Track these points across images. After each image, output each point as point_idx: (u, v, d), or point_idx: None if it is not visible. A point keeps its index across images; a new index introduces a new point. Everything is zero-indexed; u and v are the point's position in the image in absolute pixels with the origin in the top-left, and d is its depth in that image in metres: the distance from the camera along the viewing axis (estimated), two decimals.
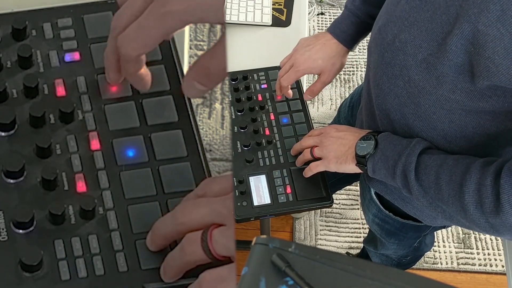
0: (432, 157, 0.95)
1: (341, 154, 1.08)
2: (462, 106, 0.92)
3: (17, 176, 0.73)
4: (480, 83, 0.85)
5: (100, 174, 0.75)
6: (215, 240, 0.68)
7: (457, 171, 0.91)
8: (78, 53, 0.79)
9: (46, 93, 0.77)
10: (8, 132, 0.75)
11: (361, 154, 1.03)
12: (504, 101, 0.88)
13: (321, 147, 1.11)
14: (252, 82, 1.31)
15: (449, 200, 0.92)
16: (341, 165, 1.08)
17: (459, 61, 0.85)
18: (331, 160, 1.09)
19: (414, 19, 0.92)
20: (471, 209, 0.89)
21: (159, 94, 0.78)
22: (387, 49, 0.99)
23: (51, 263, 0.70)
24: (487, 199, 0.86)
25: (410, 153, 0.96)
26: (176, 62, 0.80)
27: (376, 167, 1.02)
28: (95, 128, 0.76)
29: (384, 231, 1.34)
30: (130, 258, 0.72)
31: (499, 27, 0.78)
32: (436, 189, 0.93)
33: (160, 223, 0.72)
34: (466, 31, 0.82)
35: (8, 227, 0.71)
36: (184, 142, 0.77)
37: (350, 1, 1.22)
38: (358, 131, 1.09)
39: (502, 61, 0.80)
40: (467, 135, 0.96)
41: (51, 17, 0.81)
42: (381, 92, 1.03)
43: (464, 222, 0.94)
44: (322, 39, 1.22)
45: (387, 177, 1.01)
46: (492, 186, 0.86)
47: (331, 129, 1.12)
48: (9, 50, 0.78)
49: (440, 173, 0.92)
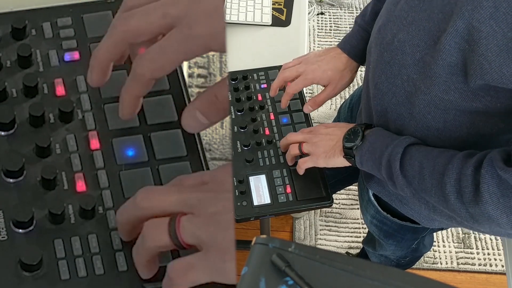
0: (418, 149, 0.95)
1: (329, 148, 1.08)
2: (456, 106, 0.92)
3: (17, 175, 0.73)
4: (473, 82, 0.85)
5: (99, 173, 0.75)
6: (183, 226, 0.67)
7: (440, 161, 0.91)
8: (78, 52, 0.80)
9: (46, 92, 0.77)
10: (7, 131, 0.75)
11: (349, 146, 1.03)
12: (496, 101, 0.88)
13: (310, 143, 1.11)
14: (252, 82, 1.31)
15: (431, 190, 0.92)
16: (330, 159, 1.08)
17: (453, 60, 0.85)
18: (319, 156, 1.09)
19: (412, 19, 0.92)
20: (452, 198, 0.89)
21: (158, 94, 0.78)
22: (386, 48, 0.99)
23: (50, 262, 0.70)
24: (467, 188, 0.87)
25: (397, 144, 0.96)
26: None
27: (363, 159, 1.02)
28: (94, 128, 0.76)
29: (382, 233, 1.34)
30: (130, 258, 0.71)
31: (492, 24, 0.79)
32: (419, 180, 0.93)
33: (121, 210, 0.71)
34: (461, 28, 0.82)
35: (8, 226, 0.71)
36: (184, 142, 0.77)
37: (360, 17, 1.22)
38: (346, 125, 1.09)
39: (495, 59, 0.80)
40: (461, 135, 0.96)
41: (50, 17, 0.81)
42: (379, 92, 1.03)
43: (447, 212, 0.95)
44: (333, 52, 1.23)
45: (373, 169, 1.01)
46: (472, 176, 0.86)
47: (320, 127, 1.13)
48: (8, 50, 0.78)
49: (424, 163, 0.93)
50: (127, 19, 0.71)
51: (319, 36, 2.54)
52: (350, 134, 1.04)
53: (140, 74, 0.71)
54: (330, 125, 1.13)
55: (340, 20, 2.60)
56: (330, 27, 2.58)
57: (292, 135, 1.16)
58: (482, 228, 0.93)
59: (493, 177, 0.85)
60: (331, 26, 2.58)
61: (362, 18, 1.22)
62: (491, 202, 0.85)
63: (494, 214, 0.86)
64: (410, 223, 1.21)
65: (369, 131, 1.03)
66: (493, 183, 0.84)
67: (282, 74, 1.23)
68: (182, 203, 0.68)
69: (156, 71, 0.70)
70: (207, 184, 0.70)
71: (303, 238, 2.04)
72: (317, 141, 1.10)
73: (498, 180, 0.84)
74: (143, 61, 0.70)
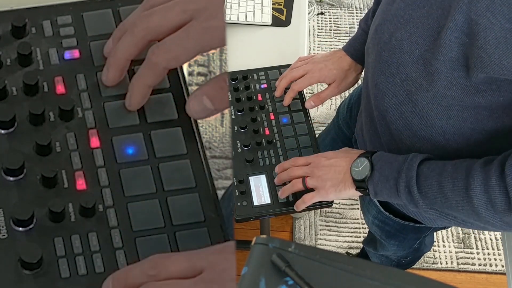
0: (430, 167, 0.95)
1: (338, 182, 1.05)
2: (458, 102, 0.92)
3: (17, 174, 0.72)
4: (475, 76, 0.85)
5: (100, 171, 0.75)
6: None
7: (459, 177, 0.91)
8: (78, 50, 0.79)
9: (46, 90, 0.77)
10: (7, 129, 0.74)
11: (359, 178, 1.02)
12: (499, 95, 0.88)
13: (314, 178, 1.08)
14: (252, 82, 1.31)
15: (458, 206, 0.91)
16: (341, 193, 1.06)
17: (454, 55, 0.86)
18: (329, 190, 1.06)
19: (410, 17, 0.92)
20: (483, 211, 0.88)
21: (158, 92, 0.78)
22: (384, 48, 0.99)
23: (51, 260, 0.70)
24: (497, 199, 0.86)
25: (408, 167, 0.96)
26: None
27: (377, 189, 1.01)
28: (94, 126, 0.76)
29: (384, 233, 1.34)
30: (130, 256, 0.71)
31: (489, 16, 0.79)
32: (442, 198, 0.93)
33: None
34: (460, 22, 0.82)
35: (8, 224, 0.71)
36: (184, 140, 0.77)
37: (364, 21, 1.25)
38: (347, 154, 1.08)
39: (494, 51, 0.80)
40: (465, 132, 0.96)
41: (50, 15, 0.81)
42: (379, 92, 1.03)
43: (479, 224, 0.94)
44: (339, 53, 1.26)
45: (390, 197, 1.00)
46: (498, 185, 0.86)
47: (319, 159, 1.10)
48: (8, 48, 0.78)
49: (442, 181, 0.92)
50: (147, 17, 0.73)
51: (319, 36, 2.55)
52: (358, 165, 1.02)
53: (155, 63, 0.72)
54: (330, 155, 1.10)
55: (340, 20, 2.60)
56: (330, 27, 2.58)
57: (293, 170, 1.13)
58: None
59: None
60: (331, 26, 2.58)
61: (365, 22, 1.24)
62: None
63: None
64: (412, 223, 1.21)
65: (373, 159, 1.01)
66: None
67: (290, 74, 1.25)
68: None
69: (172, 61, 0.72)
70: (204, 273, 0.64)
71: (303, 238, 2.04)
72: (322, 174, 1.07)
73: None
74: (159, 50, 0.72)
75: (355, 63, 1.24)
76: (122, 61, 0.75)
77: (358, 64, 1.24)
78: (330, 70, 1.23)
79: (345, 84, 1.24)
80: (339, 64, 1.24)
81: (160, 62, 0.72)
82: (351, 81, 1.25)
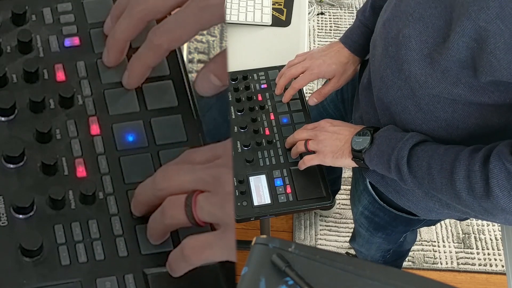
0: (424, 149, 0.96)
1: (337, 149, 1.08)
2: (464, 99, 0.93)
3: (17, 161, 0.72)
4: (483, 78, 0.86)
5: (100, 159, 0.74)
6: (200, 206, 0.68)
7: (447, 160, 0.92)
8: (78, 38, 0.79)
9: (46, 78, 0.77)
10: (8, 117, 0.74)
11: (357, 148, 1.04)
12: (506, 96, 0.89)
13: (316, 141, 1.11)
14: (252, 82, 1.31)
15: (442, 188, 0.93)
16: (337, 160, 1.09)
17: (462, 57, 0.86)
18: (327, 155, 1.09)
19: (420, 15, 0.92)
20: (464, 195, 0.90)
21: (159, 79, 0.78)
22: (391, 43, 0.99)
23: (51, 248, 0.70)
24: (477, 184, 0.88)
25: (402, 147, 0.97)
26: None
27: (372, 163, 1.03)
28: (95, 113, 0.76)
29: (372, 224, 1.33)
30: (130, 243, 0.71)
31: (499, 23, 0.79)
32: (429, 179, 0.94)
33: (141, 189, 0.72)
34: (468, 28, 0.83)
35: (8, 212, 0.71)
36: (184, 127, 0.77)
37: (361, 12, 1.24)
38: (353, 126, 1.10)
39: (504, 56, 0.81)
40: (469, 126, 0.96)
41: (50, 2, 0.81)
42: (384, 85, 1.04)
43: (460, 208, 0.95)
44: (336, 46, 1.25)
45: (383, 171, 1.03)
46: (480, 171, 0.87)
47: (325, 123, 1.13)
48: (9, 35, 0.78)
49: (431, 163, 0.94)
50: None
51: (319, 36, 2.55)
52: (359, 136, 1.05)
53: (158, 45, 0.73)
54: (336, 123, 1.13)
55: (340, 20, 2.61)
56: (330, 27, 2.59)
57: (299, 133, 1.16)
58: (497, 219, 0.94)
59: (501, 171, 0.85)
60: (331, 26, 2.59)
61: (362, 13, 1.23)
62: (502, 196, 0.86)
63: (507, 207, 0.86)
64: (405, 214, 1.21)
65: (376, 134, 1.03)
66: (502, 177, 0.85)
67: (289, 72, 1.24)
68: (199, 181, 0.69)
69: (174, 42, 0.73)
70: (221, 158, 0.70)
71: (303, 238, 2.04)
72: (324, 139, 1.10)
73: (506, 174, 0.85)
74: (160, 31, 0.72)
75: (353, 55, 1.24)
76: (121, 42, 0.75)
77: (356, 56, 1.24)
78: (329, 65, 1.23)
79: (345, 78, 1.24)
80: (337, 58, 1.23)
81: (163, 44, 0.72)
82: (350, 74, 1.25)
